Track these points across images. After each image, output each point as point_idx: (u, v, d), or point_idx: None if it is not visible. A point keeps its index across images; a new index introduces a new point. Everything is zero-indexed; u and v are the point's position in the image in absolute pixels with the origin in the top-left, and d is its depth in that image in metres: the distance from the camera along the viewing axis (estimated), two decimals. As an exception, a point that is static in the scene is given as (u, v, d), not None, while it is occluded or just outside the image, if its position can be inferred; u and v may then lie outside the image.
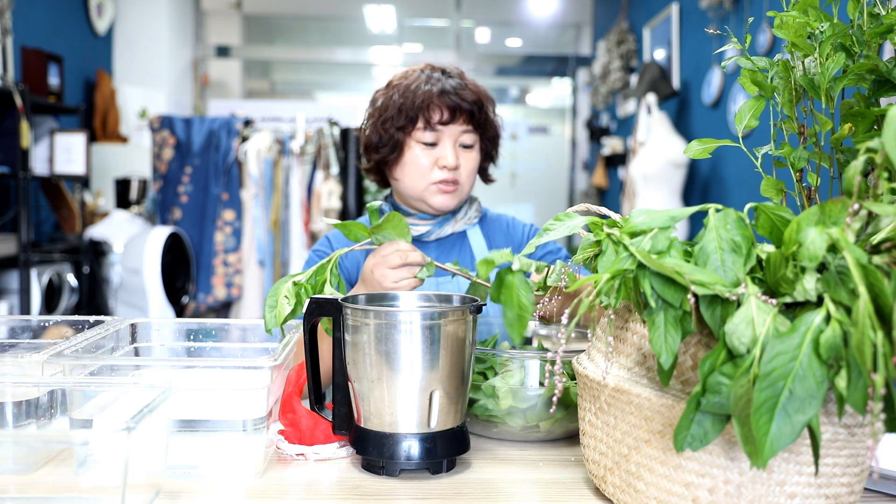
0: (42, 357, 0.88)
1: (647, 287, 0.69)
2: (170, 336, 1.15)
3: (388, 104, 1.45)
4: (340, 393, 0.98)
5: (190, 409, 0.90)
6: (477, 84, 1.47)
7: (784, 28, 0.83)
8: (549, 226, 0.81)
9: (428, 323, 0.90)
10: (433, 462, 0.92)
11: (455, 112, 1.41)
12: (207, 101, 6.20)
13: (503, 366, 1.07)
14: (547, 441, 1.07)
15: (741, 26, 3.43)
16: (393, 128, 1.43)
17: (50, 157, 3.90)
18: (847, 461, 0.72)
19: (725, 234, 0.69)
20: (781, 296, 0.66)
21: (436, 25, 7.38)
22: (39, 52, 4.04)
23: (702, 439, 0.66)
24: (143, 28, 5.62)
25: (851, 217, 0.65)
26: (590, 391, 0.84)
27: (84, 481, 0.83)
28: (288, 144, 4.14)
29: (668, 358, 0.68)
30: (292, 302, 1.03)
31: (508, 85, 8.16)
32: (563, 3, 6.85)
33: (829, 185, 0.86)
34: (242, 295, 4.15)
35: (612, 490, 0.81)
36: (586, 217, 0.81)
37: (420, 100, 1.40)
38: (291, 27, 7.39)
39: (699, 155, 0.90)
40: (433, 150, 1.43)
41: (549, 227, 0.81)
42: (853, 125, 0.81)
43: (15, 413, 0.89)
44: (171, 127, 4.13)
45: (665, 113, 4.10)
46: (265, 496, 0.86)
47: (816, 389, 0.60)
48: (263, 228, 4.10)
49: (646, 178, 3.93)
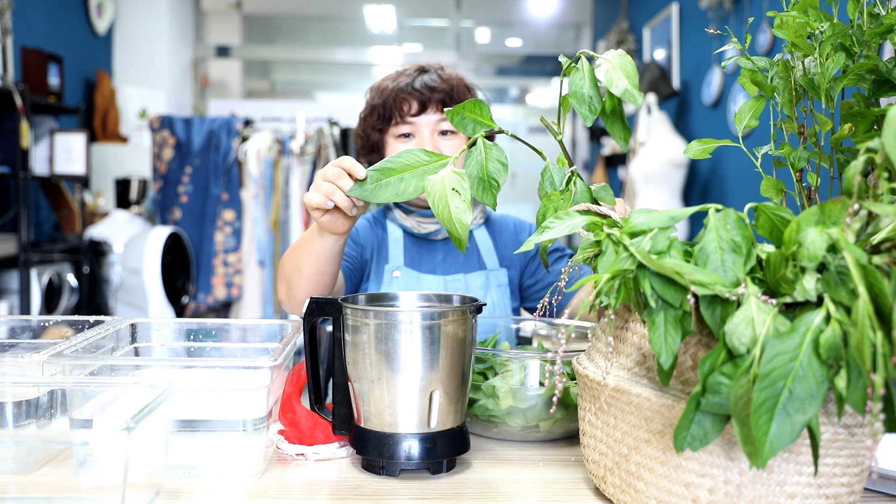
0: (42, 357, 0.88)
1: (647, 287, 0.69)
2: (170, 336, 1.15)
3: (366, 107, 1.49)
4: (340, 393, 0.98)
5: (190, 409, 0.90)
6: (452, 74, 1.48)
7: (784, 28, 0.83)
8: (549, 224, 0.81)
9: (428, 323, 0.90)
10: (433, 462, 0.92)
11: (425, 102, 1.42)
12: (207, 101, 6.19)
13: (503, 366, 1.07)
14: (547, 441, 1.07)
15: (741, 26, 3.43)
16: (371, 129, 1.46)
17: (50, 157, 3.89)
18: (847, 461, 0.72)
19: (725, 234, 0.69)
20: (781, 296, 0.66)
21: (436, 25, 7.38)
22: (39, 52, 4.04)
23: (702, 439, 0.66)
24: (143, 28, 5.62)
25: (851, 217, 0.65)
26: (590, 391, 0.84)
27: (84, 481, 0.83)
28: (288, 144, 4.14)
29: (668, 358, 0.68)
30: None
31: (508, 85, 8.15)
32: (563, 3, 6.85)
33: (829, 185, 0.86)
34: (242, 295, 4.15)
35: (612, 490, 0.81)
36: (586, 216, 0.81)
37: (391, 97, 1.43)
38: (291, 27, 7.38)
39: (699, 155, 0.90)
40: (411, 143, 1.43)
41: (548, 226, 0.81)
42: (853, 125, 0.81)
43: (15, 413, 0.89)
44: (171, 127, 4.13)
45: (665, 113, 4.10)
46: (265, 496, 0.86)
47: (816, 389, 0.60)
48: (263, 228, 4.10)
49: (646, 178, 3.93)
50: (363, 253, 1.49)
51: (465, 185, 0.90)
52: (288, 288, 1.26)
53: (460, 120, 0.95)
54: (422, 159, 0.95)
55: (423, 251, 1.51)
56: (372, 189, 0.98)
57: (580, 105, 0.86)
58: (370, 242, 1.50)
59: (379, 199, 0.97)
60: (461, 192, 0.90)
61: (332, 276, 1.24)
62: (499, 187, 0.93)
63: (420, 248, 1.51)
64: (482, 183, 0.93)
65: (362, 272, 1.49)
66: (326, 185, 1.05)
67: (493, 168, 0.93)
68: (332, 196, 1.05)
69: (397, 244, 1.49)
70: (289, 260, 1.26)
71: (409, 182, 0.95)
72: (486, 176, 0.93)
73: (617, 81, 0.83)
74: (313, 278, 1.21)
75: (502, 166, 0.93)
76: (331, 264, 1.20)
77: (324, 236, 1.15)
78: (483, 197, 0.93)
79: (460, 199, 0.89)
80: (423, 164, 0.95)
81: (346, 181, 1.03)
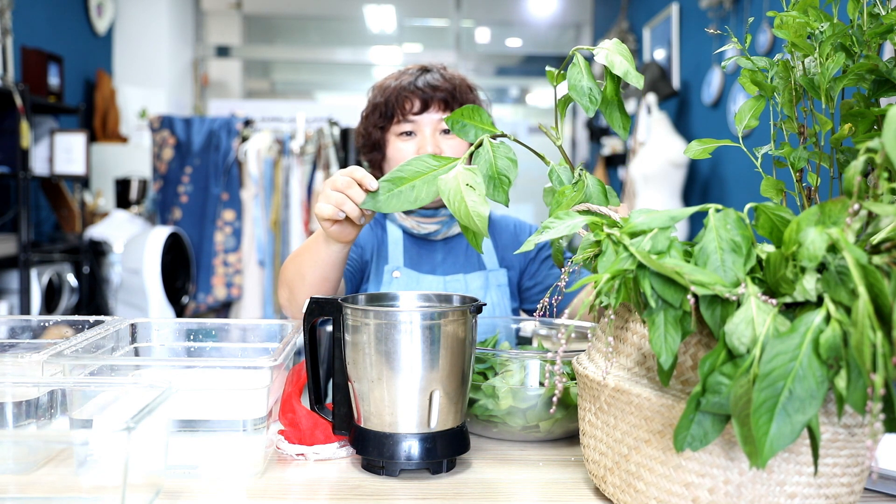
0: (42, 357, 0.88)
1: (647, 287, 0.69)
2: (170, 336, 1.15)
3: (368, 106, 1.48)
4: (340, 393, 0.98)
5: (190, 409, 0.90)
6: (455, 73, 1.48)
7: (784, 28, 0.83)
8: (549, 224, 0.81)
9: (428, 323, 0.90)
10: (433, 462, 0.92)
11: (427, 101, 1.42)
12: (207, 101, 6.19)
13: (503, 366, 1.07)
14: (547, 441, 1.07)
15: (741, 26, 3.43)
16: (373, 127, 1.46)
17: (50, 157, 3.89)
18: (847, 461, 0.72)
19: (725, 234, 0.69)
20: (781, 296, 0.66)
21: (436, 25, 7.38)
22: (39, 52, 4.04)
23: (702, 439, 0.66)
24: (143, 28, 5.62)
25: (851, 217, 0.65)
26: (590, 391, 0.84)
27: (84, 481, 0.83)
28: (288, 144, 4.14)
29: (668, 358, 0.68)
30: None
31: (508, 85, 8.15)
32: (563, 3, 6.85)
33: (829, 185, 0.86)
34: (242, 295, 4.15)
35: (612, 490, 0.81)
36: (586, 216, 0.81)
37: (393, 95, 1.43)
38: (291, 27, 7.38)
39: (699, 155, 0.90)
40: (413, 142, 1.43)
41: (548, 226, 0.81)
42: (853, 125, 0.81)
43: (15, 413, 0.89)
44: (171, 127, 4.13)
45: (665, 113, 4.10)
46: (265, 496, 0.86)
47: (816, 389, 0.60)
48: (263, 228, 4.10)
49: (646, 178, 3.93)
50: (363, 254, 1.49)
51: (478, 180, 0.90)
52: (290, 293, 1.27)
53: (461, 127, 0.96)
54: (431, 164, 0.95)
55: (422, 251, 1.51)
56: (385, 199, 0.98)
57: (580, 97, 0.86)
58: (370, 243, 1.50)
59: (392, 208, 0.97)
60: (476, 188, 0.90)
61: (335, 283, 1.24)
62: (510, 183, 0.93)
63: (420, 248, 1.51)
64: (493, 181, 0.93)
65: (362, 274, 1.49)
66: (336, 195, 1.05)
67: (503, 165, 0.93)
68: (342, 207, 1.05)
69: (397, 244, 1.49)
70: (291, 266, 1.26)
71: (421, 189, 0.95)
72: (496, 173, 0.93)
73: (618, 64, 0.84)
74: (316, 285, 1.22)
75: (511, 163, 0.93)
76: (335, 271, 1.20)
77: (330, 244, 1.15)
78: (495, 195, 0.93)
79: (476, 194, 0.89)
80: (433, 170, 0.95)
81: (356, 191, 1.03)
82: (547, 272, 1.54)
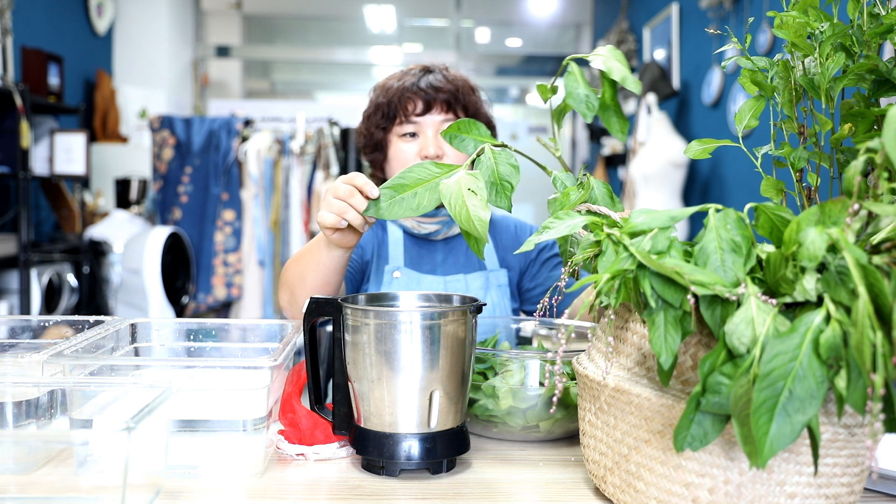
0: (42, 357, 0.88)
1: (647, 287, 0.69)
2: (170, 336, 1.15)
3: (370, 106, 1.48)
4: (340, 393, 0.98)
5: (190, 409, 0.90)
6: (458, 75, 1.48)
7: (784, 28, 0.83)
8: (549, 224, 0.81)
9: (428, 323, 0.90)
10: (433, 462, 0.92)
11: (430, 102, 1.42)
12: (207, 101, 6.19)
13: (503, 366, 1.07)
14: (547, 441, 1.07)
15: (741, 26, 3.43)
16: (375, 127, 1.46)
17: (50, 157, 3.89)
18: (847, 461, 0.72)
19: (725, 234, 0.69)
20: (781, 296, 0.66)
21: (436, 25, 7.38)
22: (39, 52, 4.04)
23: (702, 439, 0.66)
24: (143, 28, 5.62)
25: (851, 217, 0.65)
26: (590, 391, 0.84)
27: (84, 481, 0.83)
28: (288, 144, 4.14)
29: (668, 358, 0.68)
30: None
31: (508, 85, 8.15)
32: (563, 3, 6.85)
33: (829, 185, 0.86)
34: (242, 295, 4.15)
35: (612, 490, 0.81)
36: (586, 216, 0.81)
37: (396, 96, 1.43)
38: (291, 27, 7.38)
39: (699, 155, 0.90)
40: (415, 143, 1.43)
41: (548, 225, 0.81)
42: (853, 125, 0.81)
43: (15, 413, 0.89)
44: (171, 127, 4.13)
45: (665, 113, 4.09)
46: (265, 496, 0.86)
47: (816, 389, 0.60)
48: (263, 228, 4.10)
49: (646, 178, 3.93)
50: (364, 255, 1.49)
51: (480, 185, 0.90)
52: (291, 296, 1.27)
53: (459, 141, 0.96)
54: (433, 171, 0.96)
55: (423, 251, 1.51)
56: (386, 206, 0.98)
57: (578, 104, 0.86)
58: (370, 243, 1.50)
59: (394, 216, 0.98)
60: (477, 192, 0.90)
61: (336, 286, 1.24)
62: (512, 189, 0.93)
63: (420, 248, 1.51)
64: (495, 186, 0.93)
65: (363, 274, 1.49)
66: (339, 203, 1.05)
67: (505, 171, 0.93)
68: (345, 215, 1.05)
69: (397, 244, 1.49)
70: (292, 269, 1.26)
71: (423, 196, 0.95)
72: (498, 179, 0.93)
73: (616, 70, 0.84)
74: (317, 288, 1.22)
75: (514, 168, 0.93)
76: (336, 275, 1.21)
77: (331, 249, 1.16)
78: (497, 201, 0.93)
79: (477, 199, 0.89)
80: (435, 177, 0.95)
81: (358, 199, 1.03)
82: (548, 274, 1.54)
